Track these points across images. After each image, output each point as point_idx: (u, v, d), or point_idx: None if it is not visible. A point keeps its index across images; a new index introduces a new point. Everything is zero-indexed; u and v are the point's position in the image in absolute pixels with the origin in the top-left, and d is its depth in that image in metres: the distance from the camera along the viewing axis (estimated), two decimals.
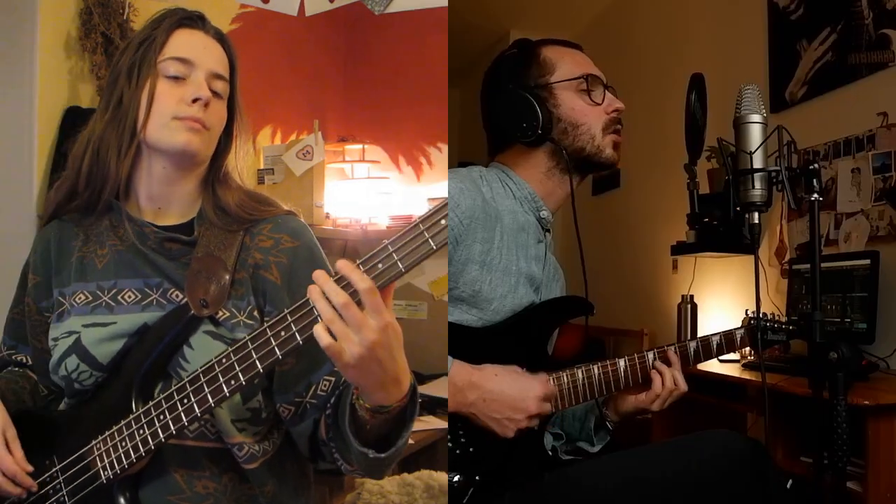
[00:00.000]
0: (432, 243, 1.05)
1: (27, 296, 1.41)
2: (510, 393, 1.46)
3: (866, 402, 2.15)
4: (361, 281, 1.04)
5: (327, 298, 1.05)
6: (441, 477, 2.15)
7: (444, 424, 2.59)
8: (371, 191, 3.39)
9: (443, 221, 1.05)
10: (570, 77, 1.63)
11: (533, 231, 1.64)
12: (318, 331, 1.06)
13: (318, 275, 1.07)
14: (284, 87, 3.37)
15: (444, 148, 3.40)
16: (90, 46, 2.44)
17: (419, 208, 3.32)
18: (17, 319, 1.45)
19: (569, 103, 1.62)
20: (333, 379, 1.31)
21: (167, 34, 1.34)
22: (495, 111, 1.66)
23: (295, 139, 3.27)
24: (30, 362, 1.45)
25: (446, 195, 1.47)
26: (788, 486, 1.63)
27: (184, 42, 1.34)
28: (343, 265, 1.05)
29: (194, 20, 1.37)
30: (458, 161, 1.70)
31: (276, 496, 1.33)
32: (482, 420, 1.46)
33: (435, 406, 2.67)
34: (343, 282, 1.06)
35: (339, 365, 1.07)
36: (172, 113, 1.30)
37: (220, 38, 1.39)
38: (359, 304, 1.05)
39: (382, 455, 1.19)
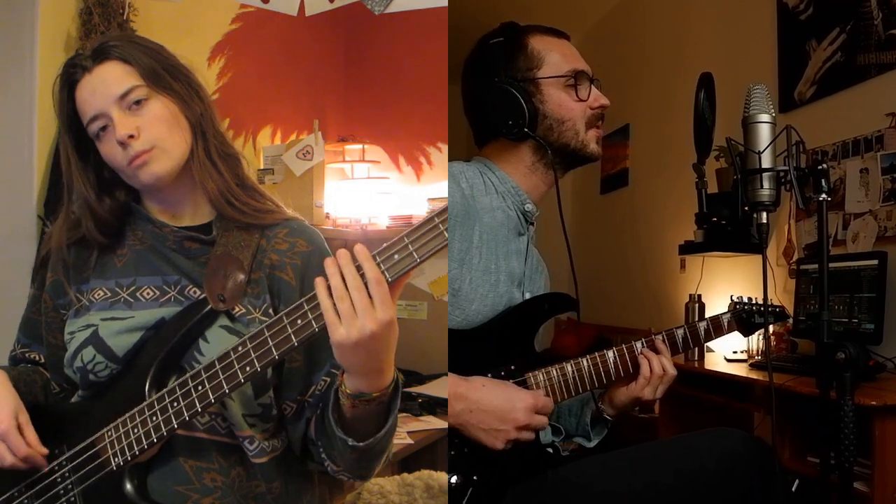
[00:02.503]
0: (447, 235, 1.08)
1: (44, 293, 1.44)
2: (497, 403, 1.45)
3: (873, 403, 2.14)
4: (371, 270, 1.08)
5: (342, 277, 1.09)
6: (441, 477, 2.14)
7: (444, 424, 2.58)
8: (371, 191, 3.39)
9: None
10: (558, 74, 1.61)
11: (513, 226, 1.64)
12: (321, 291, 1.09)
13: (342, 253, 1.10)
14: (284, 87, 3.37)
15: (444, 148, 3.39)
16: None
17: (419, 208, 3.33)
18: (33, 318, 1.47)
19: (555, 99, 1.61)
20: (329, 380, 1.35)
21: (72, 103, 1.34)
22: (480, 103, 1.64)
23: (295, 139, 3.28)
24: (42, 360, 1.47)
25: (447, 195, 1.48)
26: (794, 487, 1.63)
27: (83, 99, 1.34)
28: (360, 251, 1.10)
29: (75, 72, 1.35)
30: (464, 157, 1.70)
31: (282, 494, 1.36)
32: (472, 432, 1.45)
33: (435, 406, 2.67)
34: (360, 270, 1.09)
35: (332, 340, 1.10)
36: (121, 163, 1.33)
37: (100, 53, 1.35)
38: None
39: (361, 444, 1.22)
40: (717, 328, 1.68)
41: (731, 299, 1.72)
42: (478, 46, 1.67)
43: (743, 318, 1.69)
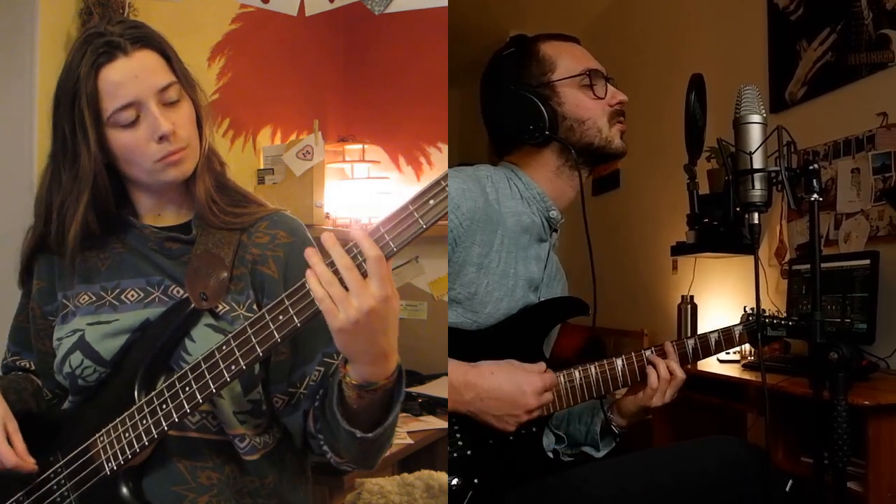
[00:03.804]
0: (422, 222, 1.07)
1: (32, 300, 1.43)
2: (507, 389, 1.46)
3: (866, 403, 2.15)
4: (371, 248, 1.06)
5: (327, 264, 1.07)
6: (441, 477, 2.15)
7: (444, 424, 2.58)
8: (371, 191, 3.39)
9: (431, 202, 1.06)
10: (572, 74, 1.62)
11: (536, 231, 1.64)
12: (313, 283, 1.08)
13: (326, 237, 1.08)
14: (284, 87, 3.37)
15: (444, 148, 3.40)
16: None
17: None
18: (23, 326, 1.47)
19: (572, 100, 1.61)
20: (322, 369, 1.34)
21: (94, 81, 1.27)
22: (499, 113, 1.64)
23: (295, 139, 3.28)
24: (33, 368, 1.47)
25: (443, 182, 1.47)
26: (788, 488, 1.64)
27: (115, 82, 1.27)
28: (357, 232, 1.07)
29: (109, 51, 1.27)
30: (458, 162, 1.69)
31: (275, 488, 1.35)
32: (483, 418, 1.46)
33: (435, 406, 2.67)
34: (353, 252, 1.07)
35: (333, 327, 1.08)
36: (150, 158, 1.30)
37: (140, 39, 1.30)
38: (364, 274, 1.07)
39: (370, 435, 1.20)
40: (728, 340, 1.66)
41: (745, 310, 1.70)
42: (491, 61, 1.68)
43: (755, 330, 1.67)
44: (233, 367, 1.17)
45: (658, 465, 1.52)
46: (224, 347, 1.17)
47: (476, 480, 1.47)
